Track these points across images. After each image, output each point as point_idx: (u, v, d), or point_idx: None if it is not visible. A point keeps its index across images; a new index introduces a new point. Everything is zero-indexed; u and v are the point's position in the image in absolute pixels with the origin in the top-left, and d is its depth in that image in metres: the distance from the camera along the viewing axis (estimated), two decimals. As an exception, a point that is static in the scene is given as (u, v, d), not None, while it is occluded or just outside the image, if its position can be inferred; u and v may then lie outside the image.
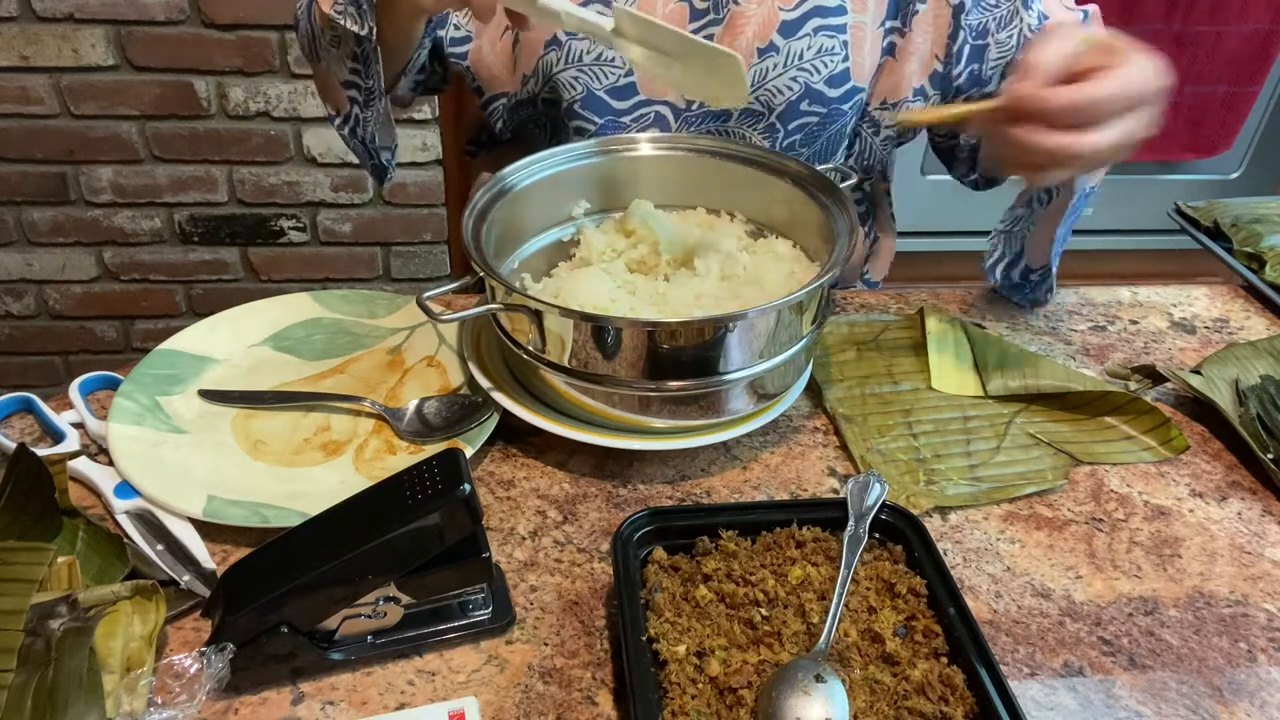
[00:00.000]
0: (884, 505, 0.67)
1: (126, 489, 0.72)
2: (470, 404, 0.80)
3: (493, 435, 0.78)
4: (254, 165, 1.95)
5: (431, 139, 1.96)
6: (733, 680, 0.57)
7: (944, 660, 0.59)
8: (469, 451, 0.75)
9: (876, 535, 0.67)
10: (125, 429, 0.76)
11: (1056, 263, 0.95)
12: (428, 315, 0.74)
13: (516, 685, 0.61)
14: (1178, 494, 0.78)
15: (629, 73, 0.95)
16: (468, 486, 0.58)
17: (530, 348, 0.75)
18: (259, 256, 2.06)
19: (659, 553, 0.65)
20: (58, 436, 0.77)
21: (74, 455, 0.74)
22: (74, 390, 0.80)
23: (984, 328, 0.97)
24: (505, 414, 0.78)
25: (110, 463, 0.74)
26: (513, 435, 0.80)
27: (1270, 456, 0.80)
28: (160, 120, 1.89)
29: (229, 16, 1.79)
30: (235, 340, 0.88)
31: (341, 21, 0.82)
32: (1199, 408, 0.87)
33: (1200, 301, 1.05)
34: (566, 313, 0.71)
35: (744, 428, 0.78)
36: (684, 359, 0.72)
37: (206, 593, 0.64)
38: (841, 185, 0.84)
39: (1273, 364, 0.89)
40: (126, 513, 0.70)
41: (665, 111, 0.97)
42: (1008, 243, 0.99)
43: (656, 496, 0.76)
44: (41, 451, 0.68)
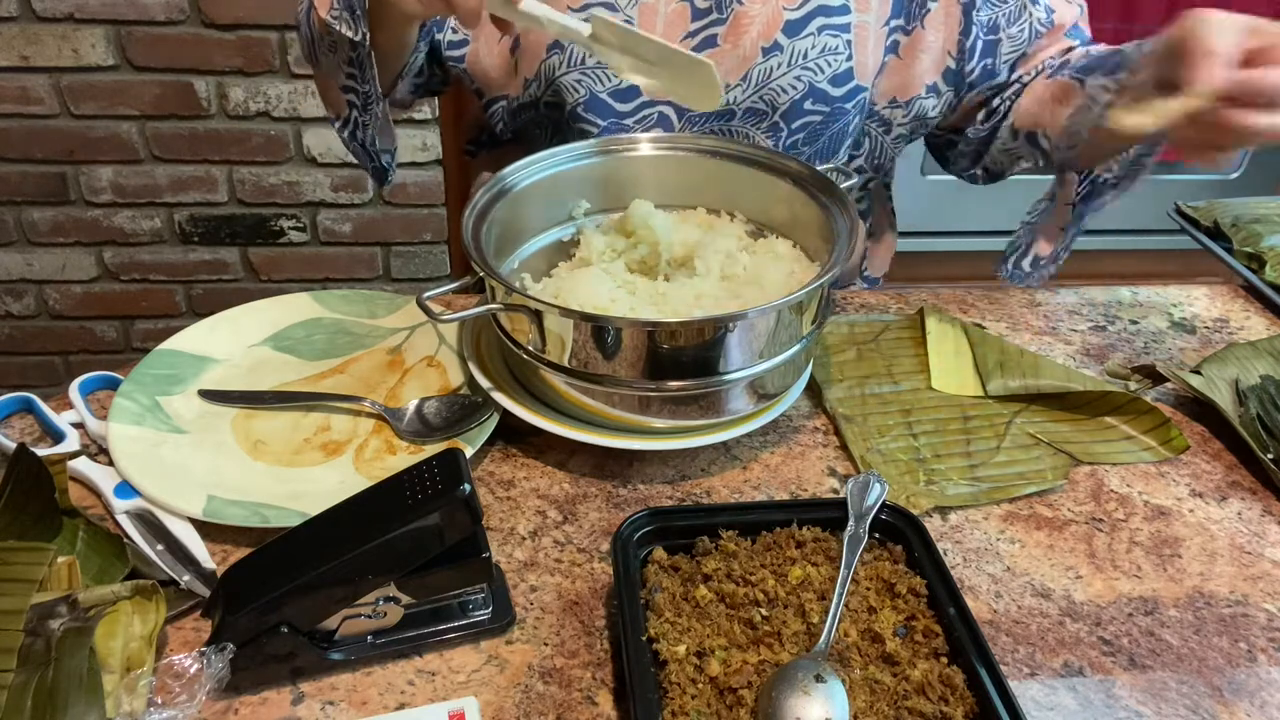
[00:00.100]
0: (884, 505, 0.67)
1: (126, 489, 0.72)
2: (470, 404, 0.80)
3: (493, 435, 0.78)
4: (254, 165, 1.95)
5: (431, 139, 1.96)
6: (733, 680, 0.57)
7: (944, 660, 0.59)
8: (469, 451, 0.75)
9: (876, 535, 0.67)
10: (125, 429, 0.76)
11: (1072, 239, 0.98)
12: (428, 315, 0.74)
13: (516, 685, 0.61)
14: (1178, 494, 0.78)
15: None
16: (468, 486, 0.58)
17: (530, 348, 0.75)
18: (259, 256, 2.06)
19: (659, 553, 0.65)
20: (58, 436, 0.77)
21: (74, 455, 0.74)
22: (74, 390, 0.80)
23: (984, 328, 0.97)
24: (505, 414, 0.78)
25: (110, 463, 0.74)
26: (513, 435, 0.80)
27: (1270, 456, 0.80)
28: (160, 120, 1.89)
29: (229, 16, 1.79)
30: (235, 340, 0.88)
31: (337, 27, 0.83)
32: (1199, 408, 0.87)
33: (1200, 301, 1.05)
34: (566, 313, 0.71)
35: (744, 428, 0.78)
36: (684, 359, 0.72)
37: (206, 593, 0.64)
38: (842, 185, 0.84)
39: (1273, 364, 0.89)
40: (126, 513, 0.70)
41: (669, 112, 0.97)
42: (1029, 234, 1.01)
43: (656, 496, 0.76)
44: (41, 451, 0.68)
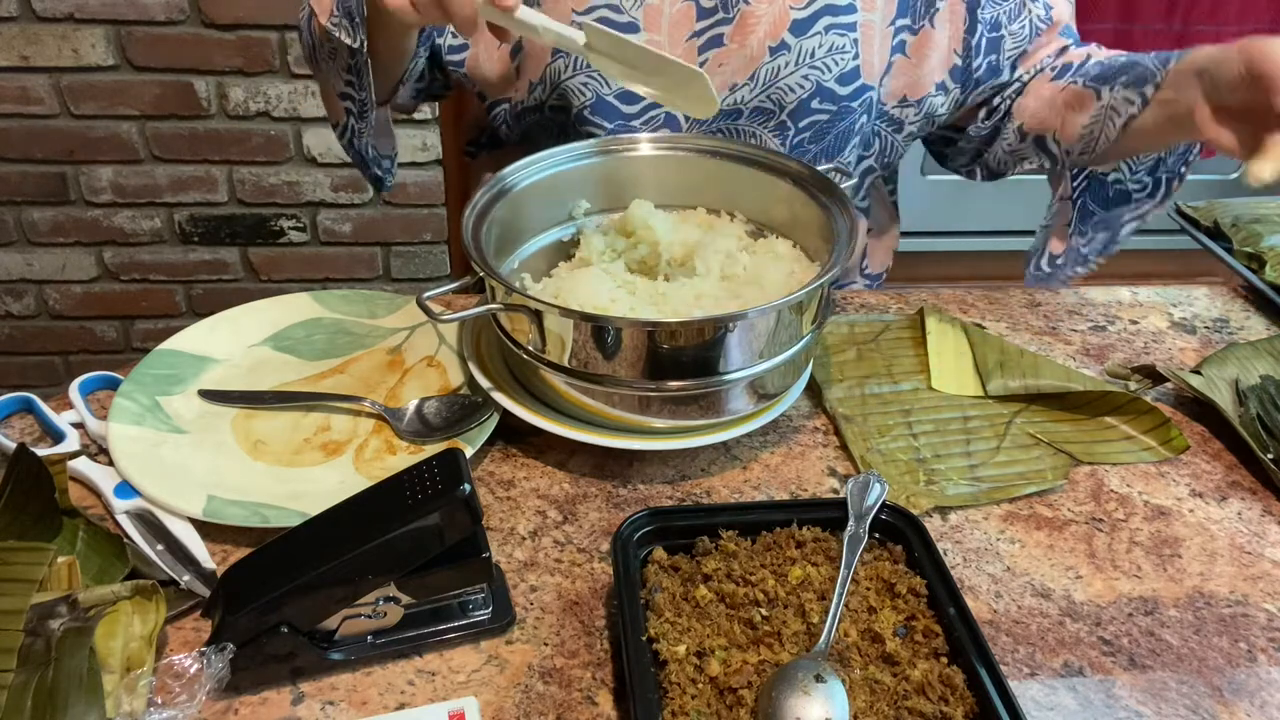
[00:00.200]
0: (884, 505, 0.67)
1: (126, 489, 0.72)
2: (470, 404, 0.80)
3: (493, 435, 0.78)
4: (254, 165, 1.95)
5: (431, 139, 1.96)
6: (733, 680, 0.57)
7: (944, 660, 0.59)
8: (469, 451, 0.75)
9: (876, 535, 0.67)
10: (125, 429, 0.76)
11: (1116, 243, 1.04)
12: (428, 315, 0.75)
13: (516, 685, 0.61)
14: (1178, 494, 0.78)
15: None
16: (468, 486, 0.58)
17: (530, 348, 0.75)
18: (259, 256, 2.06)
19: (659, 553, 0.65)
20: (58, 436, 0.77)
21: (74, 455, 0.74)
22: (74, 390, 0.80)
23: (984, 328, 0.97)
24: (505, 414, 0.78)
25: (110, 463, 0.74)
26: (513, 435, 0.80)
27: (1270, 456, 0.80)
28: (160, 120, 1.89)
29: (229, 16, 1.79)
30: (235, 340, 0.88)
31: (336, 34, 0.83)
32: (1199, 408, 0.87)
33: (1200, 301, 1.05)
34: (566, 313, 0.71)
35: (744, 428, 0.78)
36: (684, 359, 0.72)
37: (206, 593, 0.64)
38: (842, 186, 0.84)
39: (1273, 364, 0.89)
40: (126, 513, 0.70)
41: (676, 113, 0.97)
42: (1043, 235, 1.05)
43: (656, 496, 0.76)
44: (41, 451, 0.68)
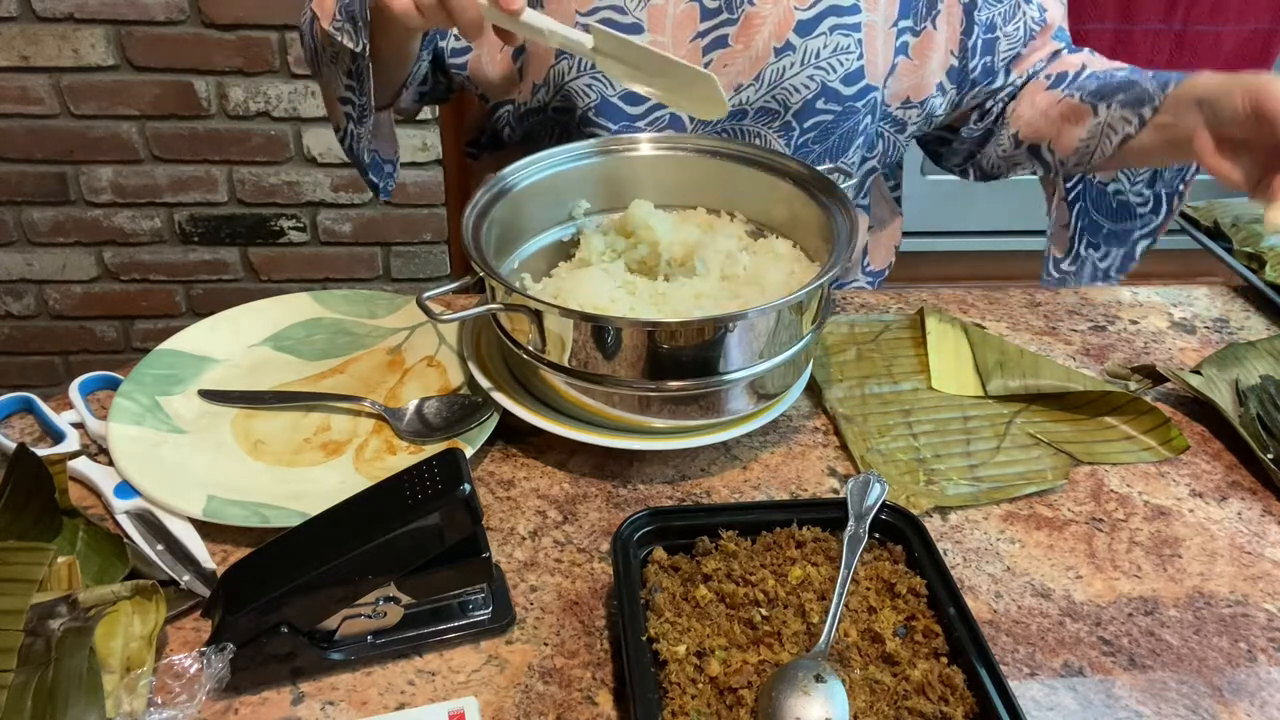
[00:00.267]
0: (884, 505, 0.67)
1: (126, 489, 0.72)
2: (470, 404, 0.80)
3: (493, 435, 0.78)
4: (254, 165, 1.95)
5: (431, 139, 1.96)
6: (733, 680, 0.57)
7: (944, 660, 0.59)
8: (469, 451, 0.75)
9: (876, 535, 0.67)
10: (125, 429, 0.76)
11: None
12: (428, 315, 0.75)
13: (516, 685, 0.61)
14: (1178, 494, 0.78)
15: None
16: (468, 486, 0.58)
17: (530, 348, 0.75)
18: (259, 256, 2.06)
19: (659, 553, 0.65)
20: (58, 436, 0.77)
21: (74, 455, 0.74)
22: (74, 390, 0.80)
23: (984, 328, 0.97)
24: (505, 414, 0.78)
25: (110, 463, 0.74)
26: (513, 435, 0.80)
27: (1270, 456, 0.80)
28: (160, 120, 1.89)
29: (229, 16, 1.79)
30: (235, 340, 0.88)
31: (338, 38, 0.83)
32: (1199, 408, 0.87)
33: (1200, 301, 1.05)
34: (566, 313, 0.71)
35: (744, 428, 0.78)
36: (684, 359, 0.72)
37: (206, 593, 0.64)
38: (842, 186, 0.84)
39: (1273, 364, 0.89)
40: (126, 513, 0.70)
41: (681, 114, 0.97)
42: (1049, 239, 1.10)
43: (656, 496, 0.76)
44: (41, 451, 0.68)
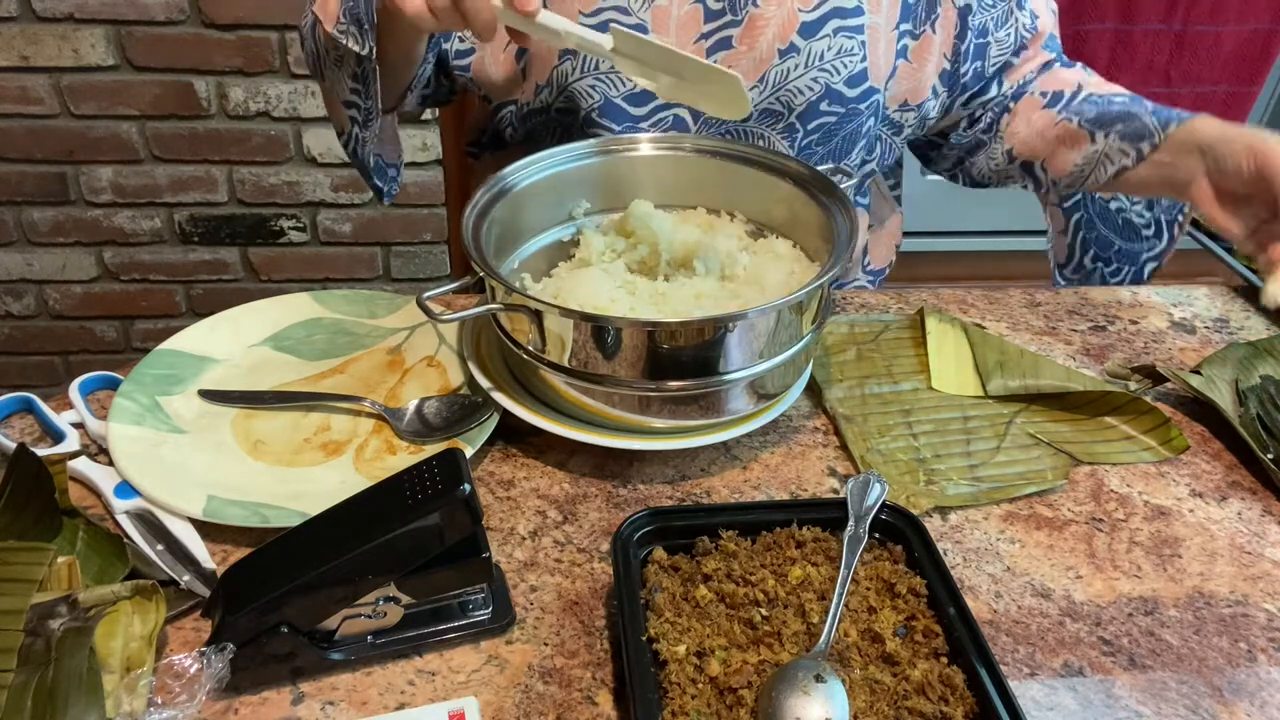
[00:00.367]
0: (884, 505, 0.67)
1: (126, 489, 0.72)
2: (470, 404, 0.80)
3: (493, 435, 0.78)
4: (254, 165, 1.95)
5: (431, 139, 1.96)
6: (733, 680, 0.57)
7: (944, 660, 0.59)
8: (469, 451, 0.75)
9: (876, 535, 0.67)
10: (125, 429, 0.76)
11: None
12: (428, 315, 0.74)
13: (516, 685, 0.61)
14: (1178, 494, 0.78)
15: None
16: (468, 486, 0.58)
17: (530, 348, 0.75)
18: (259, 256, 2.06)
19: (659, 553, 0.65)
20: (58, 436, 0.77)
21: (74, 455, 0.74)
22: (74, 390, 0.80)
23: (984, 328, 0.97)
24: (505, 414, 0.78)
25: (110, 463, 0.74)
26: (513, 435, 0.80)
27: (1270, 456, 0.80)
28: (160, 120, 1.89)
29: (229, 16, 1.79)
30: (235, 340, 0.88)
31: (344, 41, 0.82)
32: (1199, 408, 0.87)
33: (1200, 301, 1.05)
34: (566, 313, 0.71)
35: (744, 428, 0.78)
36: (684, 359, 0.72)
37: (206, 593, 0.64)
38: (842, 186, 0.84)
39: (1273, 364, 0.89)
40: (126, 513, 0.70)
41: (684, 115, 0.97)
42: (1050, 243, 1.17)
43: (656, 496, 0.76)
44: (41, 451, 0.68)
